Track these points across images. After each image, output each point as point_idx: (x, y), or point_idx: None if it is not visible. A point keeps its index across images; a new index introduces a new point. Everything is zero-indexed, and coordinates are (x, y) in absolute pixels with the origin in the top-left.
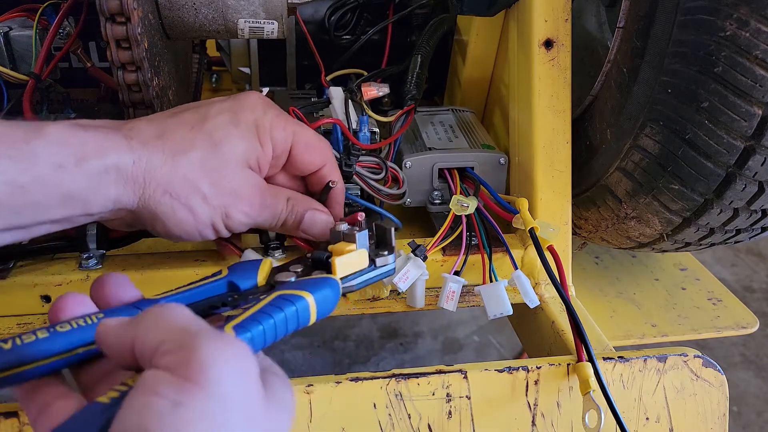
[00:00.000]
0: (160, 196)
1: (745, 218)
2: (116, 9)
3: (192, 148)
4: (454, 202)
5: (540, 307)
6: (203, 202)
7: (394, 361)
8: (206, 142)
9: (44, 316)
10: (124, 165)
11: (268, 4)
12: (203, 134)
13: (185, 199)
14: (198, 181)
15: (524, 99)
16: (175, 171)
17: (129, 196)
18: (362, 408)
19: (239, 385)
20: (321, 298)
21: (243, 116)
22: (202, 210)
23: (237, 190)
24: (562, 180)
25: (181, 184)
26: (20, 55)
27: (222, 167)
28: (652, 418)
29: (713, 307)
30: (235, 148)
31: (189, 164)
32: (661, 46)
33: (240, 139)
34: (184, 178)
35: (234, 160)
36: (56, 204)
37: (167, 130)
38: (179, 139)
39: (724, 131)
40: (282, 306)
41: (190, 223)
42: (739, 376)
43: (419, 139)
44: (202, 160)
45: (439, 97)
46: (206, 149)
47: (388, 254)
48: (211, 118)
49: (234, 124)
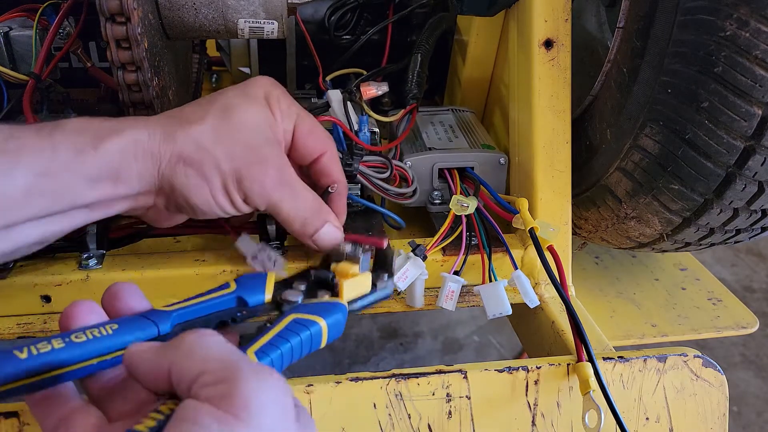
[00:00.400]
0: (175, 164)
1: (745, 218)
2: (116, 9)
3: (204, 116)
4: (454, 202)
5: (540, 307)
6: (215, 168)
7: (394, 361)
8: (218, 112)
9: (44, 316)
10: (140, 140)
11: (268, 4)
12: (215, 106)
13: (198, 165)
14: (210, 147)
15: (524, 99)
16: (187, 139)
17: (149, 170)
18: (362, 408)
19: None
20: (333, 322)
21: (253, 90)
22: (214, 176)
23: (253, 155)
24: (562, 180)
25: (194, 150)
26: (20, 55)
27: (235, 133)
28: (652, 418)
29: (713, 307)
30: (247, 115)
31: (201, 131)
32: (661, 46)
33: (252, 106)
34: (196, 145)
35: (247, 125)
36: (85, 186)
37: (182, 111)
38: (191, 112)
39: (724, 131)
40: (298, 331)
41: (203, 189)
42: (739, 376)
43: (419, 139)
44: (214, 126)
45: (439, 97)
46: (218, 117)
47: (388, 278)
48: (221, 95)
49: (244, 96)
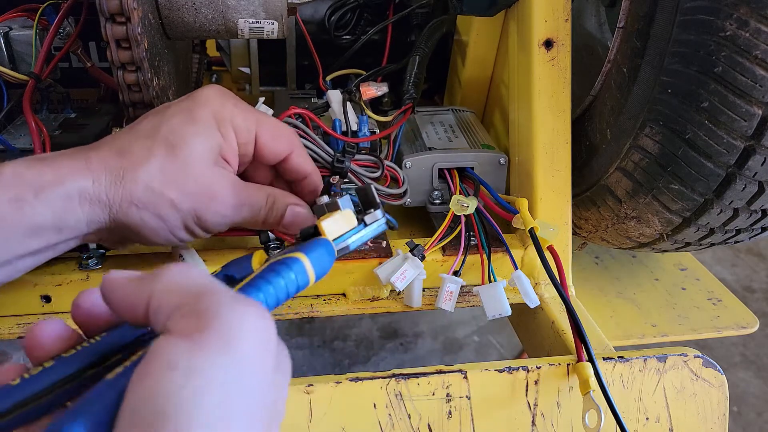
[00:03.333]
0: (127, 209)
1: (745, 218)
2: (116, 9)
3: (150, 156)
4: (454, 202)
5: (540, 307)
6: (171, 208)
7: (394, 361)
8: (163, 147)
9: (44, 316)
10: (84, 188)
11: (268, 4)
12: (159, 141)
13: (153, 207)
14: (162, 189)
15: (524, 99)
16: (136, 183)
17: (98, 215)
18: (362, 408)
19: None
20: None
21: (199, 112)
22: (171, 216)
23: (205, 191)
24: (562, 180)
25: (146, 194)
26: (20, 55)
27: (184, 169)
28: (652, 418)
29: (713, 307)
30: (194, 148)
31: (149, 174)
32: (661, 46)
33: (198, 136)
34: (146, 188)
35: (196, 159)
36: (26, 236)
37: (124, 145)
38: (137, 151)
39: (724, 131)
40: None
41: (163, 229)
42: (739, 376)
43: (419, 139)
44: (162, 167)
45: (439, 97)
46: (164, 155)
47: (375, 210)
48: (165, 123)
49: (190, 122)
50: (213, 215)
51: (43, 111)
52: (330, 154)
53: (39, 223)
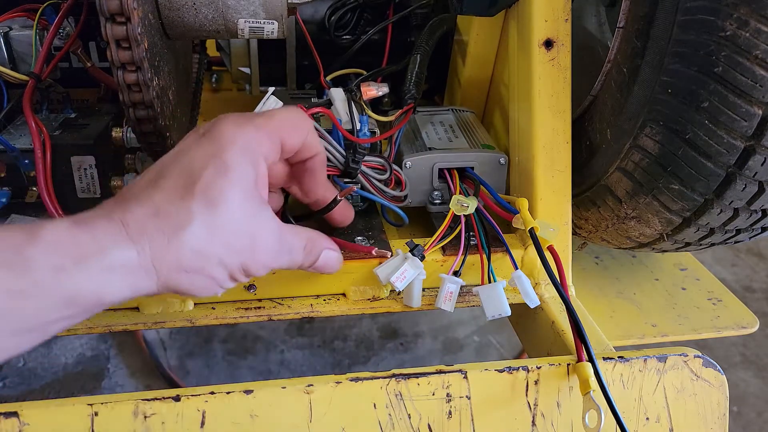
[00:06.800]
0: (177, 275)
1: (745, 218)
2: (116, 9)
3: (191, 219)
4: (454, 202)
5: (540, 307)
6: (220, 266)
7: (394, 361)
8: (203, 206)
9: None
10: (129, 259)
11: (268, 4)
12: (198, 199)
13: (201, 269)
14: (209, 250)
15: (524, 99)
16: (182, 248)
17: (145, 283)
18: (362, 408)
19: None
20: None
21: (229, 158)
22: (220, 273)
23: (250, 244)
24: (562, 180)
25: (194, 259)
26: (20, 55)
27: (228, 225)
28: (652, 418)
29: (713, 307)
30: (234, 201)
31: (195, 237)
32: (661, 46)
33: (235, 187)
34: (193, 252)
35: (237, 212)
36: (62, 305)
37: (161, 206)
38: (175, 213)
39: (724, 131)
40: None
41: (212, 286)
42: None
43: (419, 139)
44: (205, 225)
45: (439, 97)
46: (206, 215)
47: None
48: (198, 178)
49: (223, 172)
50: (257, 264)
51: (43, 111)
52: (344, 155)
53: (78, 293)
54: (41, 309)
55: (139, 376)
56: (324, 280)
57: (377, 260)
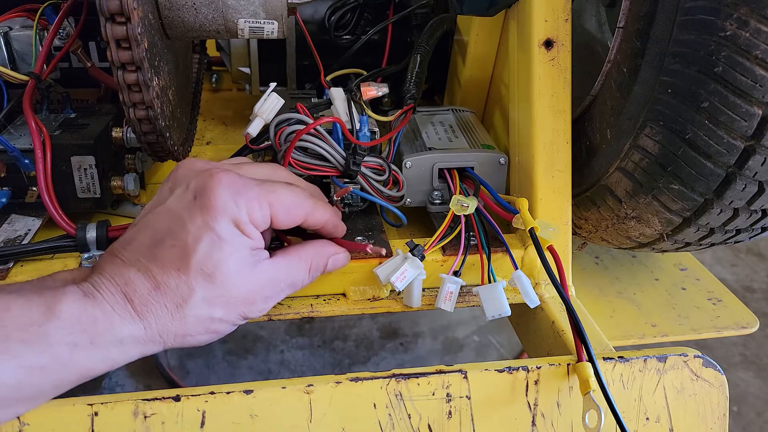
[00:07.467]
0: (182, 339)
1: (745, 218)
2: (116, 9)
3: (191, 293)
4: (454, 202)
5: (540, 307)
6: (221, 323)
7: (394, 361)
8: (201, 279)
9: None
10: (137, 333)
11: (268, 4)
12: (194, 273)
13: (204, 330)
14: (210, 313)
15: (524, 99)
16: (185, 319)
17: (152, 348)
18: (362, 408)
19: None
20: None
21: (220, 228)
22: (223, 327)
23: (248, 298)
24: (562, 180)
25: (196, 324)
26: (20, 55)
27: (226, 291)
28: (652, 418)
29: (713, 307)
30: (230, 269)
31: (196, 307)
32: (661, 46)
33: (230, 257)
34: (196, 319)
35: (234, 278)
36: (77, 378)
37: (159, 280)
38: (175, 288)
39: (724, 131)
40: None
41: (216, 337)
42: (739, 376)
43: (419, 139)
44: (205, 296)
45: (439, 97)
46: (204, 287)
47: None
48: (193, 251)
49: (217, 244)
50: (258, 312)
51: (43, 111)
52: (344, 156)
53: (93, 367)
54: (57, 382)
55: (139, 376)
56: (324, 280)
57: (377, 260)
